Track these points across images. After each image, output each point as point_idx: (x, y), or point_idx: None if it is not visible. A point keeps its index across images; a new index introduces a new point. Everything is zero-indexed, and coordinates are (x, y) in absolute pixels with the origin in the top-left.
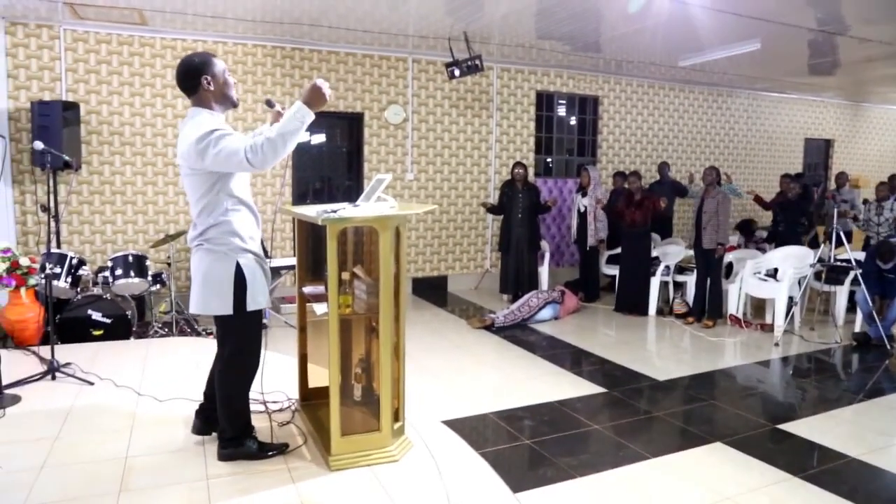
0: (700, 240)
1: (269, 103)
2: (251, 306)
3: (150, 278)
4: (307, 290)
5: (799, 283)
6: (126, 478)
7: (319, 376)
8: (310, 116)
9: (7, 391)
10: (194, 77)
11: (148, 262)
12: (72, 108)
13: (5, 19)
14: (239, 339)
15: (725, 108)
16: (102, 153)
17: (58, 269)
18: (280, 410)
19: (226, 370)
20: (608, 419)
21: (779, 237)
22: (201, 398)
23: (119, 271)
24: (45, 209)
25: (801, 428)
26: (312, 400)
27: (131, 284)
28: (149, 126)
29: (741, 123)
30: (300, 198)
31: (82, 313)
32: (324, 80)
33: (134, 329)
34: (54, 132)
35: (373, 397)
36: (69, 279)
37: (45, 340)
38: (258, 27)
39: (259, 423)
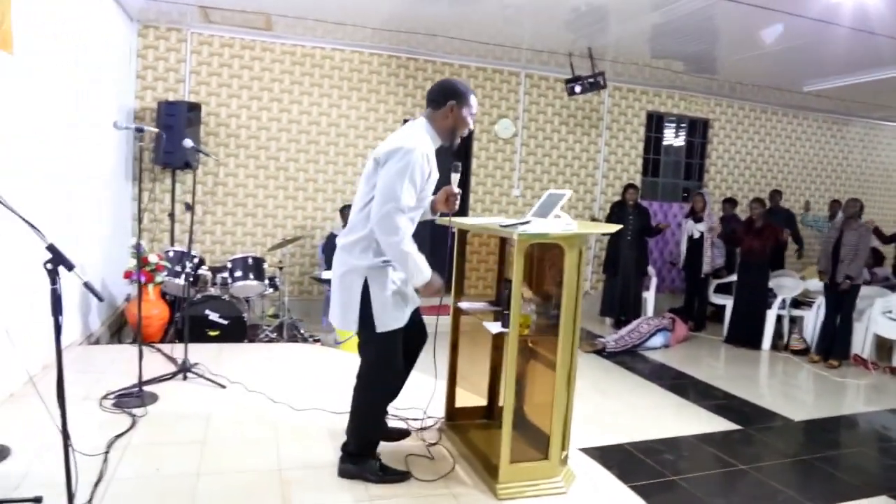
0: (836, 275)
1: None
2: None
3: (266, 282)
4: (463, 305)
5: None
6: (286, 492)
7: (464, 396)
8: (423, 280)
9: (145, 388)
10: (445, 97)
11: (265, 266)
12: (195, 108)
13: (140, 22)
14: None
15: (840, 136)
16: (218, 154)
17: (180, 269)
18: (424, 429)
19: (358, 383)
20: (752, 459)
21: None
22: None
23: (238, 273)
24: (189, 207)
25: None
26: (457, 420)
27: (249, 286)
28: (264, 130)
29: (856, 153)
30: None
31: (199, 312)
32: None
33: None
34: (178, 132)
35: (524, 421)
36: (190, 278)
37: (164, 337)
38: (375, 35)
39: (408, 440)
